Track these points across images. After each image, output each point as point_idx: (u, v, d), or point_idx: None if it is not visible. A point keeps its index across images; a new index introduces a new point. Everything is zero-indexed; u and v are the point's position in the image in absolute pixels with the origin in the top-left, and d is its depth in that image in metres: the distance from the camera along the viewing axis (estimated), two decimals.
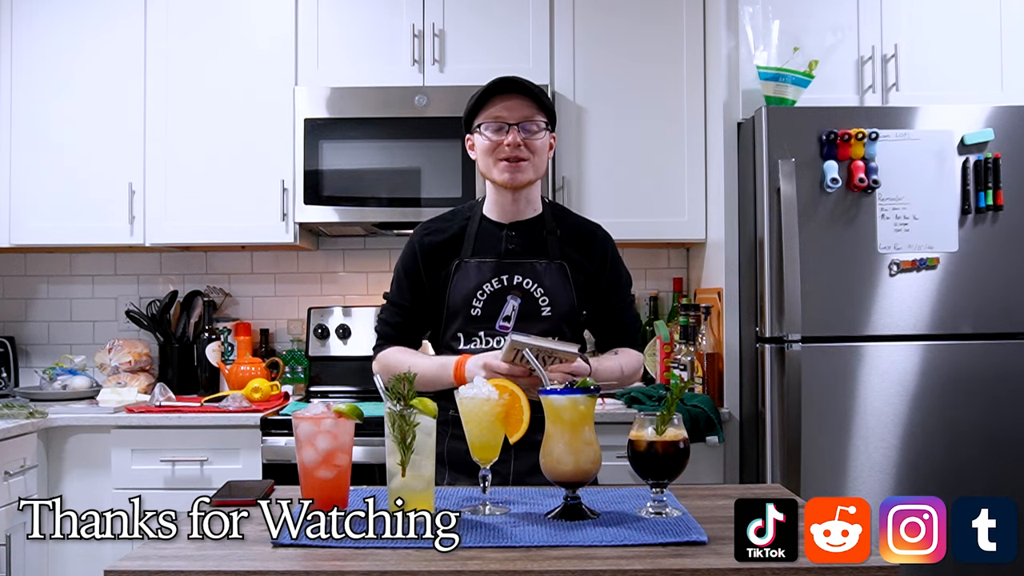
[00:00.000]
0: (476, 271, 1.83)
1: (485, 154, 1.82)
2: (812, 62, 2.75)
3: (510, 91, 1.79)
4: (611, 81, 3.08)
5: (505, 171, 1.80)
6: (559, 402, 1.40)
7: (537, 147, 1.80)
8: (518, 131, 1.78)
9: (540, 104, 1.80)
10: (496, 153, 1.80)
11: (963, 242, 2.64)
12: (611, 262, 1.90)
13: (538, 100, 1.80)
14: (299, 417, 1.41)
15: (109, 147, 3.10)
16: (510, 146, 1.78)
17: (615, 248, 1.94)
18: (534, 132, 1.79)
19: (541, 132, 1.80)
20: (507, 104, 1.79)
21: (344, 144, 3.03)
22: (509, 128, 1.78)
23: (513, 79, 1.80)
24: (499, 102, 1.80)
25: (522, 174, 1.81)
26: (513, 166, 1.79)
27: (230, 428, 2.76)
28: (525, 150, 1.79)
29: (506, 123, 1.78)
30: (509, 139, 1.78)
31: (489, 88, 1.80)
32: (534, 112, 1.79)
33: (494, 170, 1.81)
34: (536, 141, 1.80)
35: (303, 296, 3.46)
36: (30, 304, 3.48)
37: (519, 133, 1.78)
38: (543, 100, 1.81)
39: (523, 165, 1.80)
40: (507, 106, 1.79)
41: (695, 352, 2.94)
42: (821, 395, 2.61)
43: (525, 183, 1.82)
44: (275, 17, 3.10)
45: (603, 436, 1.52)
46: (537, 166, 1.82)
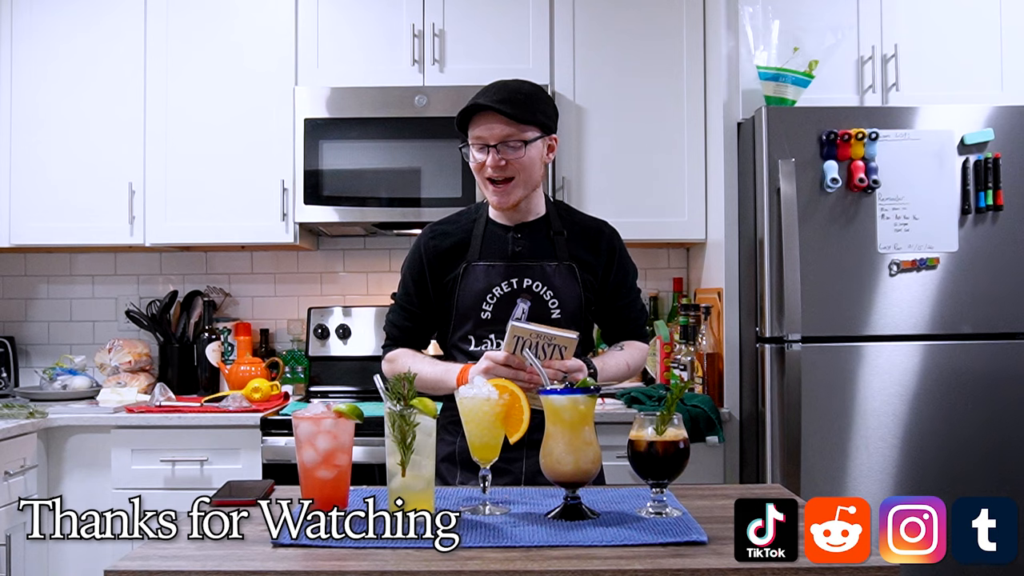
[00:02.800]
0: (485, 274, 1.83)
1: (475, 173, 1.81)
2: (812, 62, 2.74)
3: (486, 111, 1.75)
4: (611, 81, 3.08)
5: (493, 195, 1.80)
6: (559, 402, 1.40)
7: (523, 164, 1.77)
8: (496, 153, 1.75)
9: (521, 120, 1.75)
10: (482, 173, 1.79)
11: (963, 242, 2.64)
12: (619, 258, 1.90)
13: (519, 117, 1.74)
14: (299, 417, 1.41)
15: (109, 147, 3.10)
16: (492, 167, 1.76)
17: (622, 243, 1.93)
18: (516, 149, 1.75)
19: (523, 148, 1.76)
20: (487, 124, 1.75)
21: (344, 144, 3.03)
22: (490, 149, 1.75)
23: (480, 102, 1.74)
24: (480, 121, 1.76)
25: (509, 196, 1.79)
26: (499, 189, 1.78)
27: (230, 428, 2.76)
28: (510, 168, 1.76)
29: (486, 144, 1.76)
30: (489, 160, 1.75)
31: (467, 109, 1.76)
32: (514, 130, 1.75)
33: (485, 191, 1.81)
34: (519, 159, 1.76)
35: (303, 296, 3.46)
36: (30, 304, 3.48)
37: (497, 154, 1.75)
38: (525, 115, 1.75)
39: (508, 187, 1.78)
40: (487, 126, 1.75)
41: (695, 352, 2.94)
42: (821, 395, 2.61)
43: (516, 202, 1.81)
44: (275, 17, 3.10)
45: (603, 436, 1.52)
46: (527, 180, 1.79)
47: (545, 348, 1.62)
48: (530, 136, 1.77)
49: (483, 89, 1.79)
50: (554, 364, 1.61)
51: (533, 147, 1.78)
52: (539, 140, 1.79)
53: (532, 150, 1.78)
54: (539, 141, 1.79)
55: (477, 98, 1.76)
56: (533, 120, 1.77)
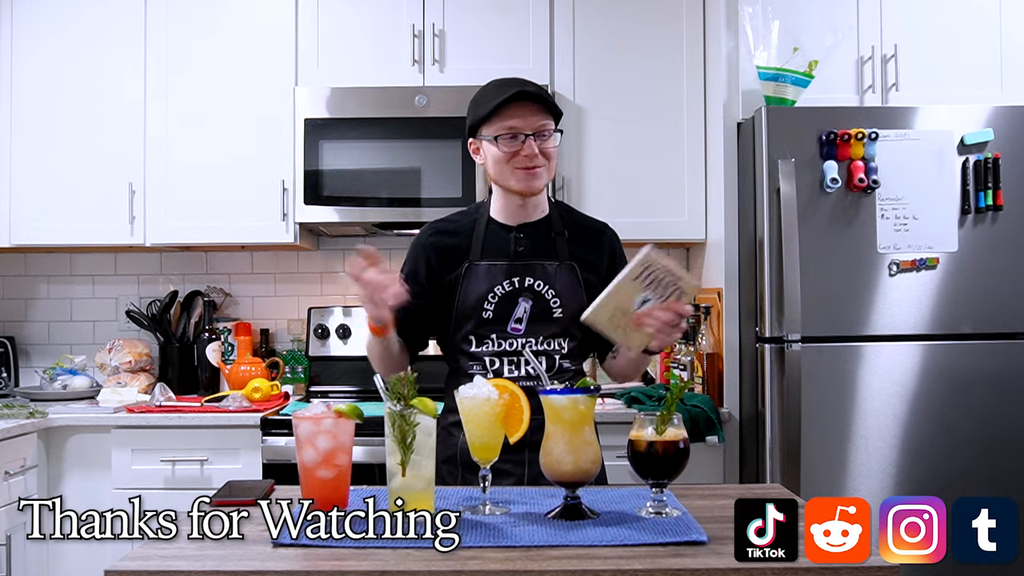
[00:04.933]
0: (487, 274, 1.83)
1: (499, 163, 1.80)
2: (812, 62, 2.74)
3: (523, 100, 1.77)
4: (611, 81, 3.08)
5: (523, 180, 1.80)
6: (559, 402, 1.40)
7: (551, 153, 1.80)
8: (534, 140, 1.77)
9: (550, 109, 1.79)
10: (513, 163, 1.79)
11: (963, 242, 2.64)
12: (619, 260, 1.91)
13: (548, 105, 1.78)
14: (299, 417, 1.41)
15: (109, 147, 3.10)
16: (528, 156, 1.77)
17: (621, 245, 1.94)
18: (547, 139, 1.79)
19: (553, 138, 1.80)
20: (520, 113, 1.76)
21: (344, 144, 3.03)
22: (525, 138, 1.77)
23: (525, 89, 1.77)
24: (512, 111, 1.77)
25: (539, 180, 1.81)
26: (530, 173, 1.79)
27: (230, 428, 2.76)
28: (541, 158, 1.79)
29: (521, 133, 1.77)
30: (526, 150, 1.77)
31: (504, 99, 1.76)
32: (547, 119, 1.78)
33: (511, 179, 1.80)
34: (550, 148, 1.80)
35: (303, 296, 3.46)
36: (30, 304, 3.48)
37: (536, 141, 1.77)
38: (553, 104, 1.80)
39: (539, 172, 1.80)
40: (521, 115, 1.76)
41: (695, 352, 2.94)
42: (821, 395, 2.61)
43: (541, 189, 1.84)
44: (275, 17, 3.10)
45: (603, 436, 1.52)
46: (551, 170, 1.83)
47: (667, 286, 1.58)
48: (554, 127, 1.81)
49: (500, 82, 1.80)
50: (672, 305, 1.58)
51: (557, 138, 1.82)
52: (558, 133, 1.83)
53: (557, 141, 1.82)
54: (558, 134, 1.83)
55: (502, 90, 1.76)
56: (558, 112, 1.81)
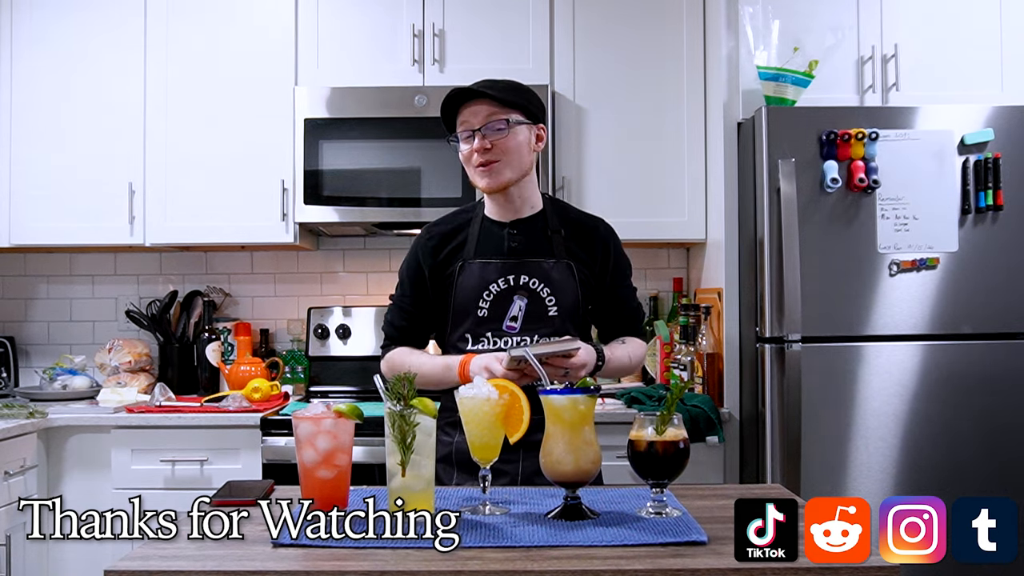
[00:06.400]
0: (481, 271, 1.83)
1: (465, 163, 1.83)
2: (812, 62, 2.74)
3: (469, 98, 1.78)
4: (611, 81, 3.08)
5: (480, 177, 1.80)
6: (559, 402, 1.40)
7: (508, 146, 1.78)
8: (482, 136, 1.77)
9: (504, 102, 1.77)
10: (471, 161, 1.80)
11: (963, 242, 2.64)
12: (615, 256, 1.91)
13: (500, 99, 1.77)
14: (299, 417, 1.41)
15: (109, 147, 3.09)
16: (478, 152, 1.77)
17: (617, 241, 1.94)
18: (500, 131, 1.77)
19: (507, 130, 1.78)
20: (471, 110, 1.78)
21: (344, 144, 3.03)
22: (474, 134, 1.77)
23: (469, 87, 1.78)
24: (464, 110, 1.79)
25: (497, 176, 1.79)
26: (486, 170, 1.79)
27: (230, 428, 2.76)
28: (496, 151, 1.77)
29: (471, 129, 1.78)
30: (476, 144, 1.77)
31: (448, 100, 1.79)
32: (497, 111, 1.77)
33: (476, 177, 1.82)
34: (505, 141, 1.78)
35: (303, 296, 3.46)
36: (30, 304, 3.48)
37: (484, 138, 1.77)
38: (508, 97, 1.78)
39: (496, 167, 1.79)
40: (471, 111, 1.78)
41: (695, 352, 2.94)
42: (821, 395, 2.61)
43: (504, 184, 1.81)
44: (275, 17, 3.10)
45: (603, 436, 1.52)
46: (515, 164, 1.80)
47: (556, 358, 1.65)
48: (513, 117, 1.78)
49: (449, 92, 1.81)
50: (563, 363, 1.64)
51: (519, 131, 1.79)
52: (524, 126, 1.80)
53: (518, 134, 1.79)
54: (524, 127, 1.80)
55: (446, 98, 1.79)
56: (516, 103, 1.79)
